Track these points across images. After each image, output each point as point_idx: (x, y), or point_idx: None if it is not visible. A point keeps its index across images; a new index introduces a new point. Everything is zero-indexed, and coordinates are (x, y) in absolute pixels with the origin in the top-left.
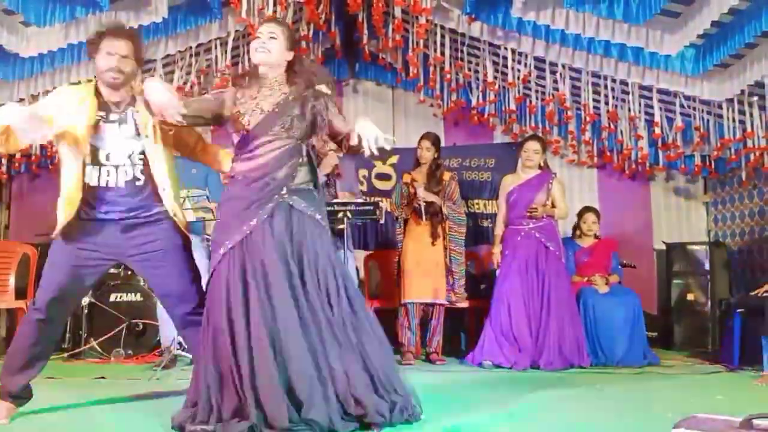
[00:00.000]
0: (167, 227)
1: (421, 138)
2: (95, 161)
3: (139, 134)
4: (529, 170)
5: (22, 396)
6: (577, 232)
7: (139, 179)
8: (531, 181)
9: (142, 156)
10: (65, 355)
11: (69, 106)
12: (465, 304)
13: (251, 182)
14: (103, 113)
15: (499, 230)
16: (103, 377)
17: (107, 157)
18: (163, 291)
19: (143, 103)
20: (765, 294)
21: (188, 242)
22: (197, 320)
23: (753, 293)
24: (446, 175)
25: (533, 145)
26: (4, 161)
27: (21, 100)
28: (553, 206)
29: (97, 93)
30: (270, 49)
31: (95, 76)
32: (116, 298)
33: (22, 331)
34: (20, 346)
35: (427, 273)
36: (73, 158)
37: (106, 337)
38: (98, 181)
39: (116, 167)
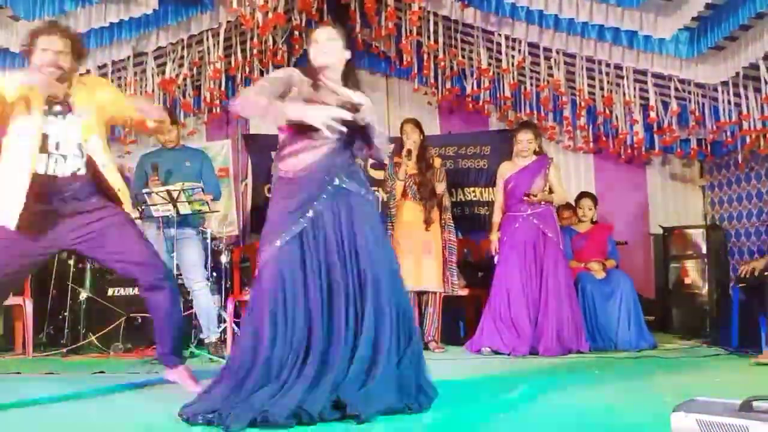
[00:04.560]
0: (106, 210)
1: (403, 123)
2: (44, 149)
3: (79, 117)
4: (524, 158)
5: None
6: (573, 218)
7: (81, 169)
8: (528, 168)
9: (86, 141)
10: (64, 350)
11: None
12: (464, 292)
13: (312, 173)
14: (45, 107)
15: (496, 218)
16: (102, 372)
17: (56, 146)
18: (119, 263)
19: (81, 89)
20: (766, 273)
21: (131, 218)
22: (162, 285)
23: (742, 274)
24: (437, 161)
25: (525, 135)
26: None
27: None
28: (551, 191)
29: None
30: (330, 52)
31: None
32: (114, 292)
33: None
34: None
35: (419, 260)
36: (22, 146)
37: (104, 331)
38: (45, 169)
39: (64, 157)
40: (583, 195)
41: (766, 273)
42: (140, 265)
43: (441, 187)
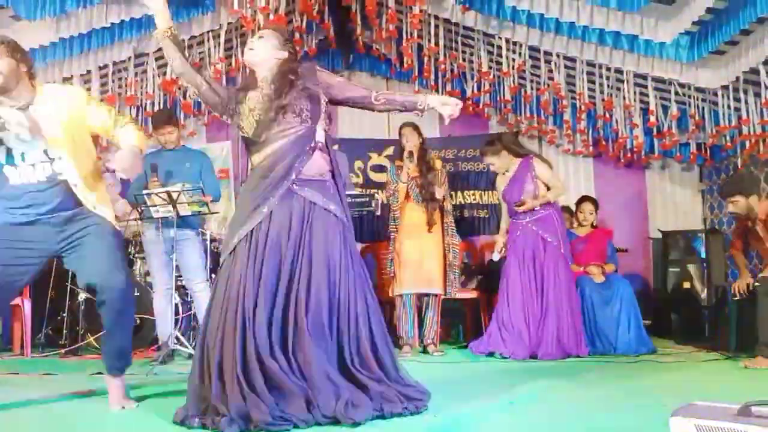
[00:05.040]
0: (95, 220)
1: (401, 127)
2: (10, 161)
3: (41, 133)
4: (507, 170)
5: None
6: (574, 222)
7: (59, 173)
8: (515, 177)
9: (54, 149)
10: (62, 351)
11: None
12: (465, 295)
13: (264, 172)
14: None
15: (503, 224)
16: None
17: (22, 157)
18: (90, 274)
19: (47, 101)
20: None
21: (118, 233)
22: (109, 304)
23: (737, 293)
24: (437, 163)
25: (487, 159)
26: None
27: None
28: (548, 188)
29: None
30: (255, 49)
31: None
32: None
33: None
34: None
35: (421, 262)
36: None
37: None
38: (19, 179)
39: (33, 165)
40: (584, 199)
41: (756, 284)
42: (98, 279)
43: (440, 193)
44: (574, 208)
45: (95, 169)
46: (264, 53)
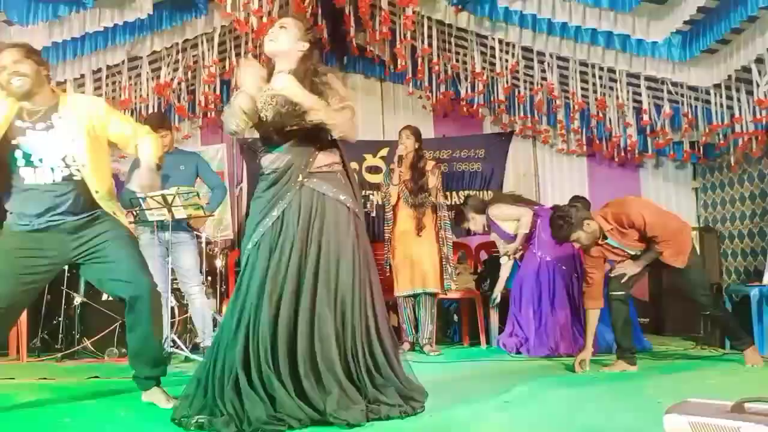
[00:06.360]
0: (109, 223)
1: (401, 130)
2: (28, 164)
3: (68, 139)
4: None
5: None
6: None
7: (74, 176)
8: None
9: (74, 159)
10: (59, 355)
11: None
12: (468, 294)
13: (274, 174)
14: (30, 123)
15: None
16: (96, 376)
17: (40, 161)
18: (115, 278)
19: (70, 110)
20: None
21: (133, 236)
22: (141, 303)
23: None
24: (429, 165)
25: (465, 226)
26: None
27: None
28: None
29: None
30: (277, 39)
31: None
32: (108, 297)
33: None
34: None
35: (414, 264)
36: (9, 158)
37: (99, 336)
38: (35, 179)
39: (52, 169)
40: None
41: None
42: (127, 282)
43: (432, 181)
44: None
45: (111, 179)
46: (286, 44)
